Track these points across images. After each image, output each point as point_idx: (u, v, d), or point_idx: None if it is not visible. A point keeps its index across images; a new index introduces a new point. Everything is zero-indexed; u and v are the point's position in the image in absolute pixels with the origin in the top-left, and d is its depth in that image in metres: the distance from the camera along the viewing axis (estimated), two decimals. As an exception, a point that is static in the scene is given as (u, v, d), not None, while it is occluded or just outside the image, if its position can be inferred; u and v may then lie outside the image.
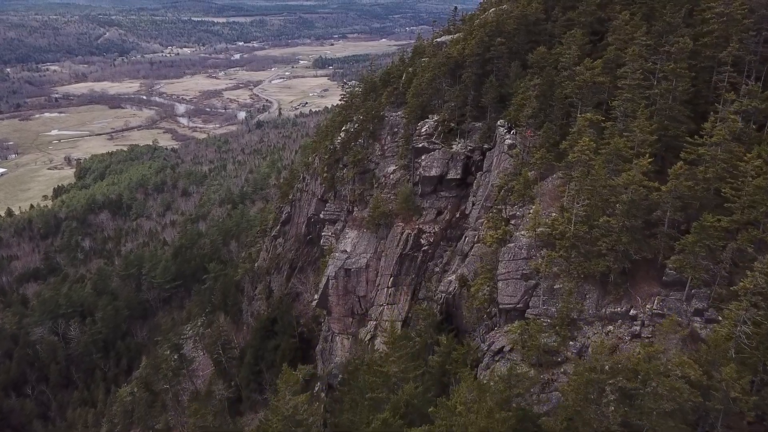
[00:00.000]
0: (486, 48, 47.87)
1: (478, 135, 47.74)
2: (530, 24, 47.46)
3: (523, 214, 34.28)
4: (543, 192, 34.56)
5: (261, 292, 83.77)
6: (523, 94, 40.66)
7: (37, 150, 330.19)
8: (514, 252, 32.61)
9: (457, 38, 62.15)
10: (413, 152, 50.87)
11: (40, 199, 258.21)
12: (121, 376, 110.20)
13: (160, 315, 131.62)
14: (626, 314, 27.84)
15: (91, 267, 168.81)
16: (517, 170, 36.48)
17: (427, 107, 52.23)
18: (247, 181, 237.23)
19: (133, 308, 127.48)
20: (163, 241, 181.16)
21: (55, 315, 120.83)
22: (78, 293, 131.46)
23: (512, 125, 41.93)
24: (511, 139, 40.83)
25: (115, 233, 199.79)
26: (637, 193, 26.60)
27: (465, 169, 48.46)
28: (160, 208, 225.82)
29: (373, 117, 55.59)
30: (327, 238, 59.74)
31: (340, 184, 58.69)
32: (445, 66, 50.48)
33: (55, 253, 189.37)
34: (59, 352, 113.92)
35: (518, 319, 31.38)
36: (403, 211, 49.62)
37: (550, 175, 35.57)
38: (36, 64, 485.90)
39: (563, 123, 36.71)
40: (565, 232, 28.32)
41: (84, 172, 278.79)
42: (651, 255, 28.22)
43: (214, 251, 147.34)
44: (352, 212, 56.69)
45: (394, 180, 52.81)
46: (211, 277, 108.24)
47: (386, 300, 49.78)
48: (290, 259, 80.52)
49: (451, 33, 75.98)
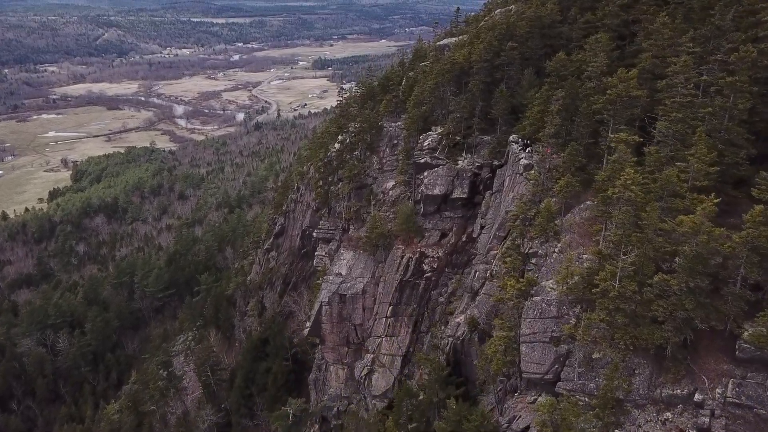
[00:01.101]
0: (495, 53, 42.44)
1: (486, 150, 42.32)
2: (545, 27, 42.01)
3: (546, 252, 28.78)
4: (569, 226, 29.07)
5: (253, 308, 78.61)
6: (539, 106, 35.27)
7: (34, 152, 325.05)
8: (541, 308, 26.61)
9: (461, 41, 56.81)
10: (414, 168, 45.52)
11: (35, 201, 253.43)
12: (111, 391, 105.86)
13: (152, 325, 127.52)
14: (689, 398, 21.91)
15: (84, 273, 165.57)
16: (537, 198, 31.04)
17: (430, 118, 46.81)
18: (244, 184, 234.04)
19: (124, 318, 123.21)
20: (158, 246, 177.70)
21: (44, 326, 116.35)
22: (68, 302, 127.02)
23: (527, 141, 36.54)
24: (526, 158, 35.38)
25: (110, 238, 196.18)
26: (704, 245, 21.06)
27: (472, 187, 43.07)
28: (156, 211, 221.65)
29: (370, 127, 50.17)
30: (320, 258, 54.38)
31: (335, 199, 53.28)
32: (449, 73, 44.98)
33: (49, 258, 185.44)
34: (47, 365, 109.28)
35: (547, 391, 25.59)
36: (404, 233, 44.33)
37: (577, 204, 30.13)
38: (34, 65, 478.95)
39: (590, 142, 31.35)
40: (607, 290, 22.61)
41: (80, 174, 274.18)
42: (721, 325, 22.45)
43: (209, 258, 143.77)
44: (347, 231, 51.34)
45: (393, 197, 47.46)
46: (203, 289, 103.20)
47: (385, 331, 44.50)
48: (283, 274, 75.30)
49: (454, 35, 70.63)
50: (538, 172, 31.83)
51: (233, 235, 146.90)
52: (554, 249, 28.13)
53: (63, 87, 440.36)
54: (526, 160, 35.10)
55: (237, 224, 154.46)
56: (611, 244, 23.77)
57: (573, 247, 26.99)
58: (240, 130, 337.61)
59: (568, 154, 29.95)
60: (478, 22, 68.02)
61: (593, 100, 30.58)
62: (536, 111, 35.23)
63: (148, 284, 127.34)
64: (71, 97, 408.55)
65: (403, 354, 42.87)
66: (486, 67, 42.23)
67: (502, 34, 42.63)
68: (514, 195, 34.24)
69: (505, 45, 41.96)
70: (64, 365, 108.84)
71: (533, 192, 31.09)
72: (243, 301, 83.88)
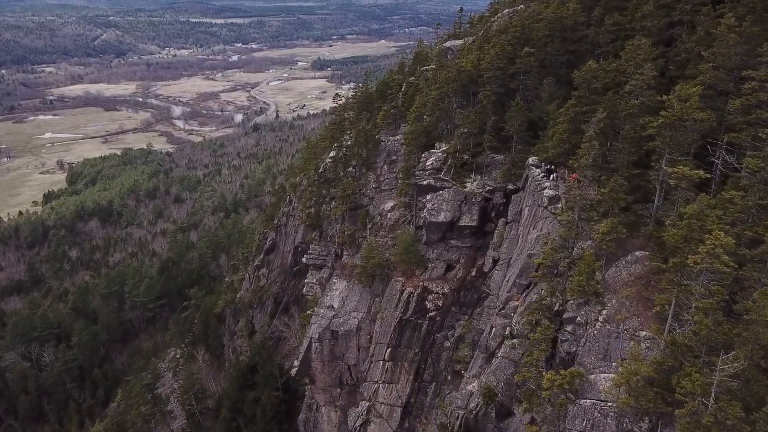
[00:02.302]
0: (509, 60, 36.18)
1: (499, 172, 36.11)
2: (566, 29, 35.76)
3: (586, 319, 22.38)
4: (615, 285, 22.76)
5: (243, 328, 72.55)
6: (565, 124, 29.06)
7: (30, 153, 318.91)
8: (593, 419, 19.60)
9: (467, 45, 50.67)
10: (415, 189, 39.37)
11: (30, 205, 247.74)
12: (97, 408, 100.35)
13: (142, 338, 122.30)
14: None
15: (76, 279, 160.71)
16: (569, 243, 24.63)
17: (433, 133, 40.53)
18: (241, 187, 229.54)
19: (113, 330, 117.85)
20: (152, 252, 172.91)
21: (29, 338, 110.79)
22: (56, 313, 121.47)
23: (551, 167, 30.30)
24: (551, 188, 29.11)
25: (104, 243, 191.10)
26: None
27: (482, 214, 36.91)
28: (152, 215, 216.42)
29: (366, 141, 43.93)
30: (311, 286, 48.20)
31: (327, 221, 47.02)
32: (455, 82, 38.66)
33: (41, 264, 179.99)
34: (30, 381, 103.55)
35: None
36: (404, 264, 38.24)
37: (622, 253, 23.82)
38: (31, 66, 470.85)
39: (634, 173, 25.05)
40: (696, 412, 15.73)
41: (75, 177, 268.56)
42: None
43: (203, 266, 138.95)
44: (340, 257, 45.19)
45: (391, 220, 41.32)
46: (192, 304, 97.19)
47: (382, 377, 38.45)
48: (274, 293, 69.24)
49: (458, 37, 64.48)
50: (569, 208, 25.34)
51: (228, 242, 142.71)
52: (597, 316, 21.77)
53: (60, 88, 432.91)
54: (551, 191, 28.86)
55: (232, 230, 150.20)
56: (692, 336, 17.04)
57: (623, 317, 20.65)
58: (238, 131, 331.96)
59: (610, 190, 23.63)
60: (484, 24, 61.89)
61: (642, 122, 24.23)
62: (561, 130, 28.98)
63: (138, 294, 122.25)
64: (68, 98, 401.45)
65: (403, 405, 36.86)
66: (498, 75, 35.98)
67: (517, 38, 36.39)
68: (537, 234, 28.06)
69: (520, 50, 35.74)
70: (48, 381, 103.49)
71: (563, 235, 24.69)
72: (233, 320, 77.90)
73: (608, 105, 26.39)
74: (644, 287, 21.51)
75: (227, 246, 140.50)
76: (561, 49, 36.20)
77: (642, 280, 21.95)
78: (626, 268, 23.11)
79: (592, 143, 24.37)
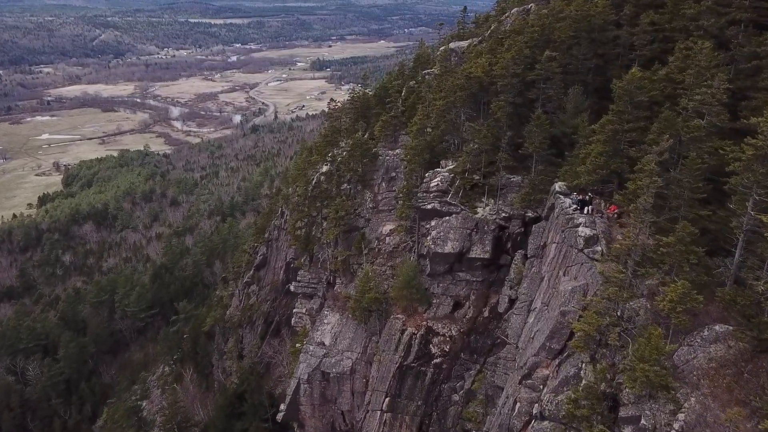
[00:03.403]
0: (528, 65, 30.50)
1: (517, 196, 30.42)
2: (594, 29, 30.10)
3: (653, 422, 16.36)
4: (691, 374, 16.61)
5: (232, 349, 67.05)
6: (602, 146, 23.39)
7: (26, 155, 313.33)
8: None
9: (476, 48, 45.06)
10: (418, 213, 33.76)
11: (24, 207, 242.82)
12: (84, 425, 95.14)
13: (132, 349, 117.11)
14: None
15: (68, 285, 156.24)
16: (618, 307, 18.63)
17: (438, 149, 34.84)
18: (239, 190, 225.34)
19: (102, 342, 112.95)
20: (146, 257, 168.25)
21: (15, 350, 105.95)
22: (43, 323, 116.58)
23: (586, 197, 24.50)
24: (588, 225, 23.14)
25: (98, 247, 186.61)
26: None
27: (497, 244, 31.26)
28: (147, 219, 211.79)
29: (362, 155, 38.29)
30: (300, 316, 42.57)
31: (318, 245, 41.35)
32: (464, 90, 32.92)
33: (33, 269, 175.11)
34: (14, 397, 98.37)
35: None
36: (404, 300, 32.72)
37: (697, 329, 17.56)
38: (29, 66, 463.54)
39: (700, 215, 19.23)
40: None
41: (71, 179, 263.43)
42: None
43: (196, 274, 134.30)
44: (333, 285, 39.61)
45: (391, 246, 35.75)
46: (181, 318, 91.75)
47: (380, 429, 32.96)
48: (265, 312, 63.70)
49: (463, 38, 58.81)
50: (616, 257, 19.22)
51: (223, 247, 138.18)
52: (672, 418, 15.90)
53: (58, 88, 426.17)
54: (588, 229, 22.89)
55: (228, 235, 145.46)
56: None
57: (710, 426, 14.77)
58: (236, 132, 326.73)
59: (677, 240, 17.74)
60: (490, 23, 56.22)
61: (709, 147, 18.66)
62: (596, 152, 23.26)
63: (129, 303, 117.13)
64: (66, 99, 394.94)
65: (405, 465, 31.48)
66: (515, 83, 30.26)
67: (536, 39, 30.70)
68: (573, 286, 22.31)
69: (540, 54, 30.06)
70: (33, 396, 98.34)
71: (611, 296, 18.72)
72: (222, 338, 72.44)
73: (666, 125, 20.62)
74: (734, 380, 15.63)
75: (222, 252, 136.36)
76: (588, 53, 30.44)
77: (729, 369, 15.98)
78: (703, 348, 16.82)
79: (653, 179, 18.45)
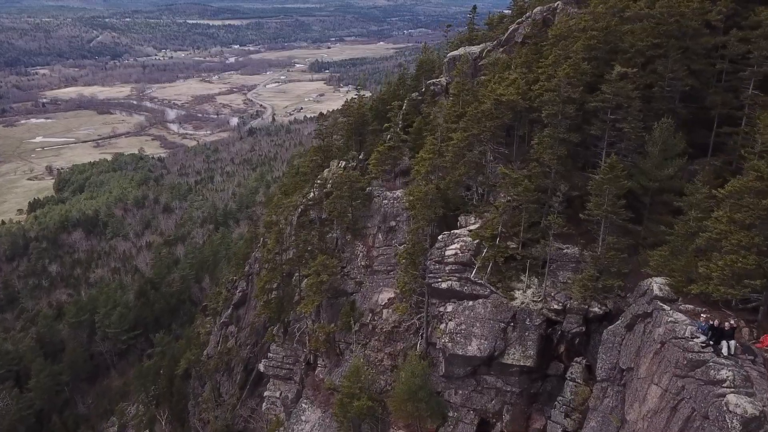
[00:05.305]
0: (587, 87, 20.44)
1: (575, 280, 19.69)
2: (686, 35, 19.98)
3: None
4: None
5: (208, 398, 57.80)
6: (725, 224, 14.07)
7: (19, 158, 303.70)
8: None
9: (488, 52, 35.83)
10: (428, 290, 23.70)
11: (14, 213, 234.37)
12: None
13: (112, 375, 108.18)
14: None
15: (53, 299, 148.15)
16: None
17: (456, 199, 24.31)
18: (233, 196, 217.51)
19: (79, 368, 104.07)
20: (134, 268, 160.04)
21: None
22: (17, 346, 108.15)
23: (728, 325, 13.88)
24: (741, 385, 12.02)
25: (87, 257, 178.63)
26: None
27: (545, 347, 20.86)
28: (139, 226, 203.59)
29: (352, 197, 28.50)
30: (272, 402, 32.71)
31: (294, 314, 31.00)
32: (492, 120, 22.54)
33: (18, 280, 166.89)
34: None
35: None
36: (407, 415, 22.84)
37: None
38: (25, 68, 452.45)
39: None
40: None
41: (63, 183, 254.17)
42: None
43: (184, 290, 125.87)
44: (313, 367, 29.71)
45: (389, 323, 25.85)
46: (157, 351, 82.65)
47: None
48: (244, 358, 54.49)
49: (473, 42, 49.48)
50: None
51: (214, 260, 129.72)
52: None
53: (54, 90, 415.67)
54: (746, 401, 12.64)
55: (220, 246, 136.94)
56: None
57: None
58: (233, 135, 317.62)
59: None
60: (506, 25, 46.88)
61: None
62: (735, 243, 13.45)
63: (110, 324, 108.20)
64: (61, 101, 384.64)
65: None
66: (569, 112, 20.14)
67: (595, 46, 20.77)
68: None
69: (607, 70, 20.01)
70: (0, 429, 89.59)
71: None
72: (198, 382, 63.25)
73: None
74: None
75: (212, 266, 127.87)
76: (680, 68, 20.46)
77: None
78: None
79: None
